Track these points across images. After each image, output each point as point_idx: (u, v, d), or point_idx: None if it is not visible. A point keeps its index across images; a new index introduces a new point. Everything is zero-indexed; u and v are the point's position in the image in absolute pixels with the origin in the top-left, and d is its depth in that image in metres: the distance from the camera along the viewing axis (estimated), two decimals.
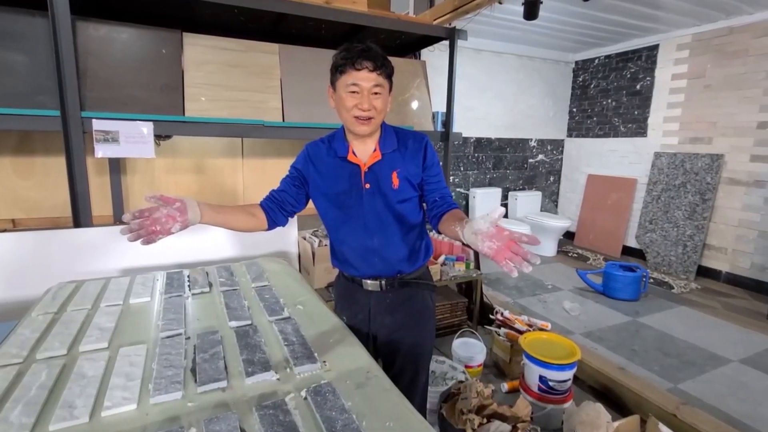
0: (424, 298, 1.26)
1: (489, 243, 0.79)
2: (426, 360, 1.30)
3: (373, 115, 1.09)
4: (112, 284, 1.32)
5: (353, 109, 1.08)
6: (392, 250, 1.19)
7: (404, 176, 1.15)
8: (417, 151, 1.17)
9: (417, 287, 1.24)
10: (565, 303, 3.13)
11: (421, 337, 1.25)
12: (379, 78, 1.07)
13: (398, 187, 1.15)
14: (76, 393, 0.76)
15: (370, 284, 1.21)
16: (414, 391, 1.25)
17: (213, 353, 0.92)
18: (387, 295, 1.22)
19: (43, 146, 2.22)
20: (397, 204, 1.15)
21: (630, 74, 4.36)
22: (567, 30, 3.88)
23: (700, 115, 3.79)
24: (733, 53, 3.52)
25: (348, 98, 1.07)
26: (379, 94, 1.08)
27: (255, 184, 2.83)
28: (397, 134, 1.19)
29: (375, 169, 1.15)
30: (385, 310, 1.22)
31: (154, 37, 2.04)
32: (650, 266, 4.06)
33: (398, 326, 1.22)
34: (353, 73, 1.05)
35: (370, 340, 1.26)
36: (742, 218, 3.53)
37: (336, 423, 0.71)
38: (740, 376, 2.24)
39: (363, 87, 1.06)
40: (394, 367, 1.25)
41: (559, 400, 1.78)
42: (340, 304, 1.33)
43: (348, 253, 1.22)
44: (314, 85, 2.38)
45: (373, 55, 1.06)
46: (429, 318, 1.28)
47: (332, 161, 1.18)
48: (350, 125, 1.12)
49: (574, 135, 5.04)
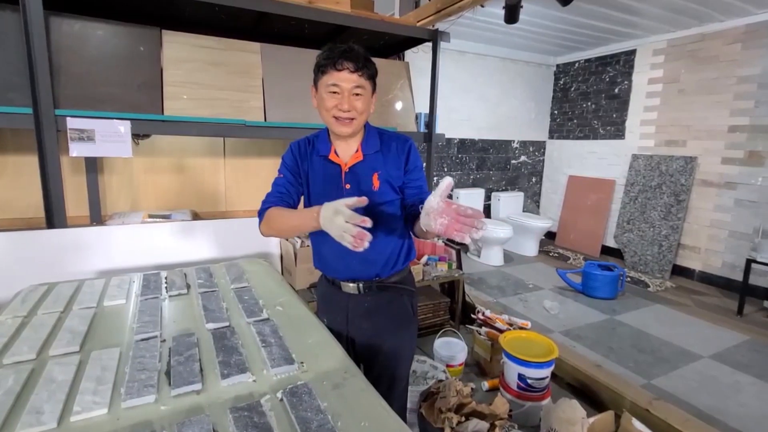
0: (404, 304, 1.24)
1: (441, 220, 0.81)
2: (405, 366, 1.28)
3: (353, 116, 1.08)
4: (86, 286, 1.29)
5: (333, 110, 1.07)
6: (370, 253, 1.13)
7: (385, 178, 1.14)
8: (400, 153, 1.16)
9: (396, 291, 1.22)
10: (546, 302, 3.19)
11: (399, 343, 1.23)
12: (360, 79, 1.06)
13: (378, 189, 1.14)
14: (44, 398, 0.74)
15: (349, 287, 1.20)
16: (391, 396, 1.23)
17: (188, 356, 0.91)
18: (365, 299, 1.20)
19: (15, 144, 2.16)
20: (377, 206, 1.13)
21: (609, 78, 4.47)
22: (548, 33, 3.96)
23: (675, 118, 3.91)
24: (705, 59, 3.64)
25: (328, 98, 1.07)
26: (360, 95, 1.08)
27: (237, 184, 2.80)
28: (380, 136, 1.18)
29: (356, 169, 1.14)
30: (363, 314, 1.20)
31: (132, 34, 2.00)
32: (628, 265, 4.17)
33: (376, 331, 1.21)
34: (334, 74, 1.05)
35: (349, 344, 1.24)
36: (714, 218, 3.66)
37: (311, 424, 0.71)
38: (710, 371, 2.33)
39: (343, 88, 1.05)
40: (372, 372, 1.23)
41: (537, 397, 1.82)
42: (321, 306, 1.31)
43: (327, 254, 1.21)
44: (297, 85, 2.37)
45: (355, 55, 1.05)
46: (409, 324, 1.25)
47: (314, 160, 1.17)
48: (330, 126, 1.11)
49: (555, 137, 5.14)
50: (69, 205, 2.32)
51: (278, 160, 3.26)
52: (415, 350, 1.38)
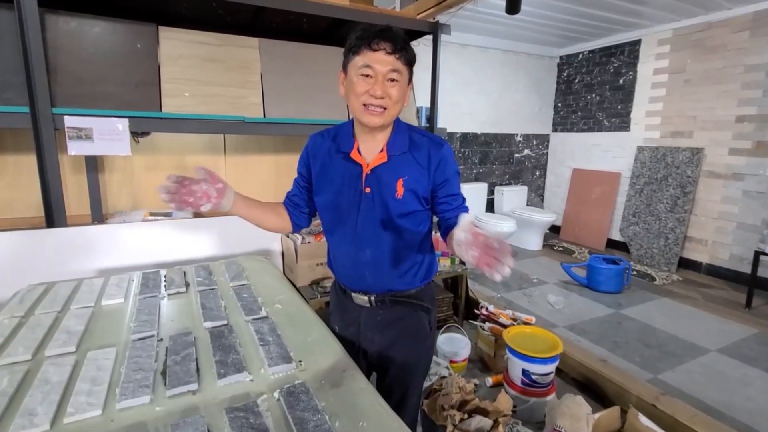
0: (420, 318, 1.14)
1: (472, 252, 0.78)
2: (418, 381, 1.21)
3: (386, 105, 0.93)
4: (85, 286, 1.28)
5: (363, 96, 0.93)
6: (385, 267, 1.06)
7: (411, 187, 1.00)
8: (432, 160, 1.00)
9: (411, 307, 1.12)
10: (550, 296, 3.16)
11: (413, 358, 1.15)
12: (398, 62, 0.92)
13: (402, 198, 1.00)
14: (38, 400, 0.73)
15: (360, 299, 1.11)
16: (403, 410, 1.17)
17: (185, 355, 0.89)
18: (378, 312, 1.11)
19: (14, 144, 2.15)
20: (398, 217, 1.01)
21: (613, 69, 4.40)
22: (551, 24, 3.90)
23: (681, 109, 3.85)
24: (711, 48, 3.57)
25: (359, 82, 0.92)
26: (396, 81, 0.93)
27: (238, 181, 2.79)
28: (411, 135, 1.03)
29: (378, 172, 1.00)
30: (375, 327, 1.12)
31: (129, 31, 1.98)
32: (633, 259, 4.12)
33: (388, 344, 1.13)
34: (368, 54, 0.91)
35: (361, 354, 1.17)
36: (721, 210, 3.61)
37: (308, 424, 0.70)
38: (717, 365, 2.29)
39: (378, 70, 0.91)
40: (384, 382, 1.18)
41: (541, 393, 1.80)
42: (334, 313, 1.24)
43: (339, 259, 1.12)
44: (296, 81, 2.34)
45: (393, 36, 0.92)
46: (424, 339, 1.16)
47: (333, 157, 1.05)
48: (359, 115, 0.96)
49: (559, 130, 5.08)
50: (71, 203, 2.32)
51: (279, 157, 3.23)
52: (430, 365, 1.30)
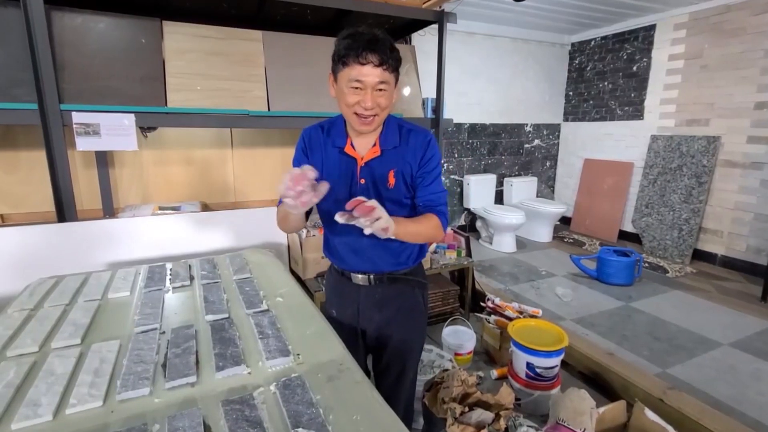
0: (415, 295, 1.23)
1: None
2: (414, 357, 1.28)
3: (376, 113, 1.03)
4: (93, 279, 1.31)
5: (355, 106, 1.01)
6: (382, 250, 1.15)
7: (401, 176, 1.10)
8: (417, 149, 1.10)
9: (407, 283, 1.22)
10: (558, 289, 3.13)
11: (409, 334, 1.23)
12: (385, 74, 0.99)
13: (394, 187, 1.10)
14: (42, 391, 0.75)
15: (359, 278, 1.19)
16: (400, 387, 1.24)
17: (185, 348, 0.91)
18: (376, 290, 1.19)
19: (26, 140, 2.20)
20: (391, 204, 1.09)
21: (626, 55, 4.28)
22: (561, 11, 3.79)
23: (697, 96, 3.73)
24: (730, 32, 3.44)
25: (350, 94, 1.00)
26: (384, 90, 1.01)
27: (245, 175, 2.81)
28: (400, 129, 1.13)
29: (372, 165, 1.10)
30: (373, 306, 1.20)
31: (133, 26, 2.00)
32: (646, 250, 4.05)
33: (386, 322, 1.21)
34: (357, 68, 0.97)
35: (359, 336, 1.24)
36: (738, 201, 3.51)
37: (302, 417, 0.71)
38: (729, 359, 2.25)
39: (367, 83, 0.98)
40: (381, 362, 1.24)
41: (546, 386, 1.79)
42: (330, 298, 1.31)
43: (339, 246, 1.19)
44: (300, 73, 2.33)
45: (380, 47, 0.97)
46: (419, 315, 1.26)
47: (328, 150, 1.13)
48: (351, 121, 1.06)
49: (570, 119, 4.98)
50: (83, 198, 2.38)
51: (285, 150, 3.24)
52: (424, 342, 1.38)
